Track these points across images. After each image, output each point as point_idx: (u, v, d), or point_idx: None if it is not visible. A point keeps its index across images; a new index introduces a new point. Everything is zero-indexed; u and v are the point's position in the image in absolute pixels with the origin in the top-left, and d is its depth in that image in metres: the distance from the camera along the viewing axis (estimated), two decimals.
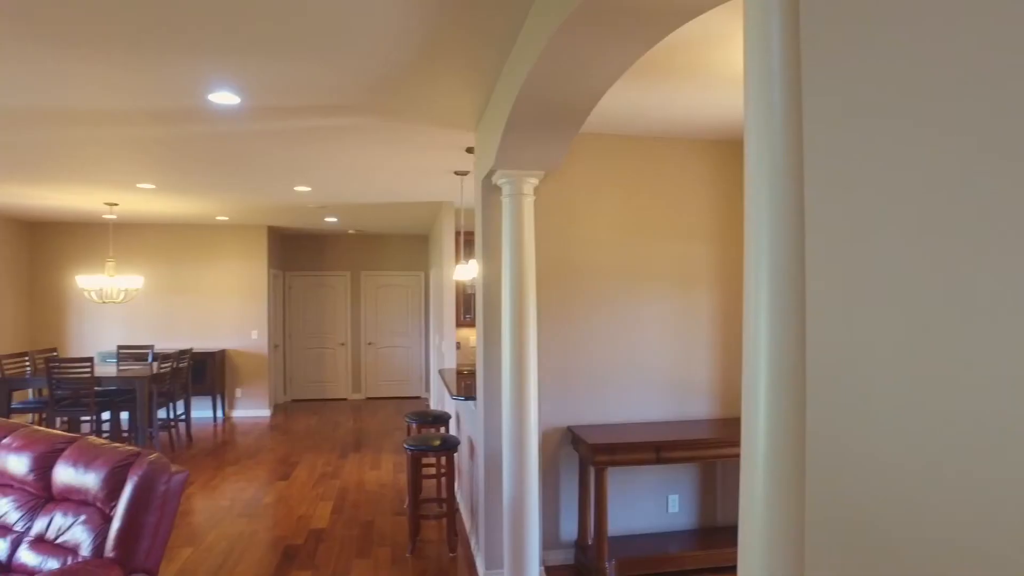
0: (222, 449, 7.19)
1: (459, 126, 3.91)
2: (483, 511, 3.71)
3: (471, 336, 8.98)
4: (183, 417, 7.74)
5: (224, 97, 3.31)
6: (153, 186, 5.93)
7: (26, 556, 3.08)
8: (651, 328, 4.08)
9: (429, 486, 5.49)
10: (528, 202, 3.23)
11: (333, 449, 7.11)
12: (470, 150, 4.49)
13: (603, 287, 4.02)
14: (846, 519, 0.78)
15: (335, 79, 3.05)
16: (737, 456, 3.69)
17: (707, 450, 3.68)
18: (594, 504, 3.63)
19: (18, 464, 3.43)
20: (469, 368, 6.03)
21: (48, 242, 8.91)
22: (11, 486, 3.50)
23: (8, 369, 7.04)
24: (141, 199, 6.68)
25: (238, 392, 9.14)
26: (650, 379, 4.07)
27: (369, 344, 10.57)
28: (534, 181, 3.23)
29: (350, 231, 9.99)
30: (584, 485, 3.91)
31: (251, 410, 9.16)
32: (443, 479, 4.85)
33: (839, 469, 0.79)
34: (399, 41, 2.61)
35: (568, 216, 3.99)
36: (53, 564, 2.94)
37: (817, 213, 0.83)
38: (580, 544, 3.91)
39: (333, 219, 8.41)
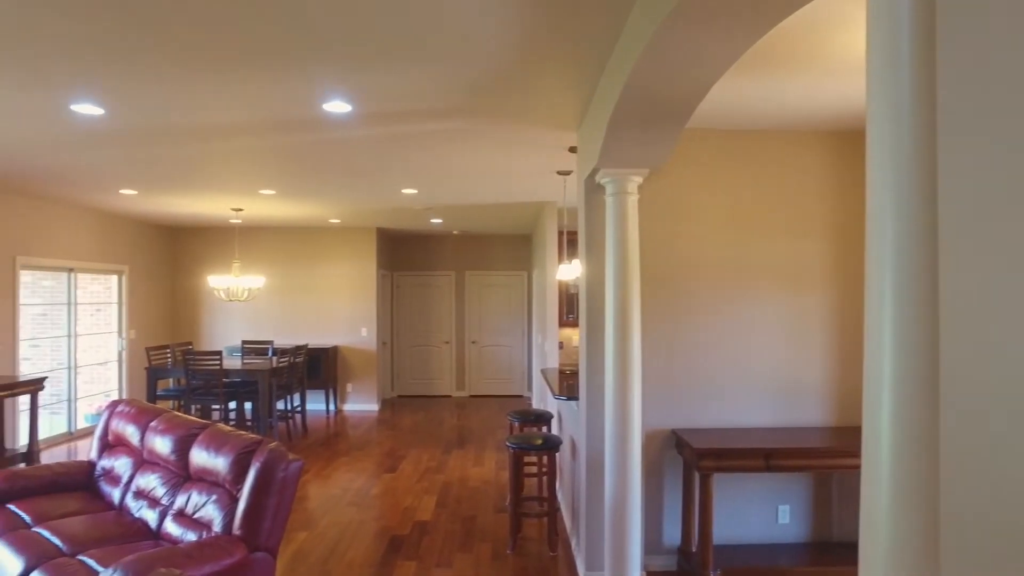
0: (334, 440, 7.57)
1: (561, 126, 3.91)
2: (584, 512, 3.69)
3: (574, 336, 8.96)
4: (299, 409, 8.22)
5: (337, 106, 3.49)
6: (273, 192, 6.34)
7: (171, 527, 3.38)
8: (760, 330, 3.91)
9: (530, 484, 5.53)
10: (632, 201, 3.18)
11: (437, 445, 7.32)
12: (573, 149, 4.48)
13: (709, 287, 3.90)
14: (990, 546, 0.72)
15: (439, 84, 3.14)
16: (855, 468, 3.46)
17: (821, 460, 3.48)
18: (699, 510, 3.53)
19: (163, 445, 3.78)
20: (571, 368, 6.02)
21: (185, 245, 9.74)
22: (158, 464, 3.85)
23: (154, 360, 7.76)
24: (263, 204, 7.16)
25: (349, 387, 9.59)
26: (758, 383, 3.90)
27: (473, 343, 10.78)
28: (638, 179, 3.18)
29: (455, 232, 10.24)
30: (688, 490, 3.81)
31: (361, 404, 9.59)
32: (544, 478, 4.87)
33: (981, 486, 0.73)
34: (501, 45, 2.64)
35: (673, 214, 3.90)
36: (191, 536, 3.21)
37: (953, 206, 0.76)
38: (683, 550, 3.81)
39: (438, 220, 8.65)
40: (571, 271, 5.45)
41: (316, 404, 9.54)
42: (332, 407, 9.49)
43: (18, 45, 2.66)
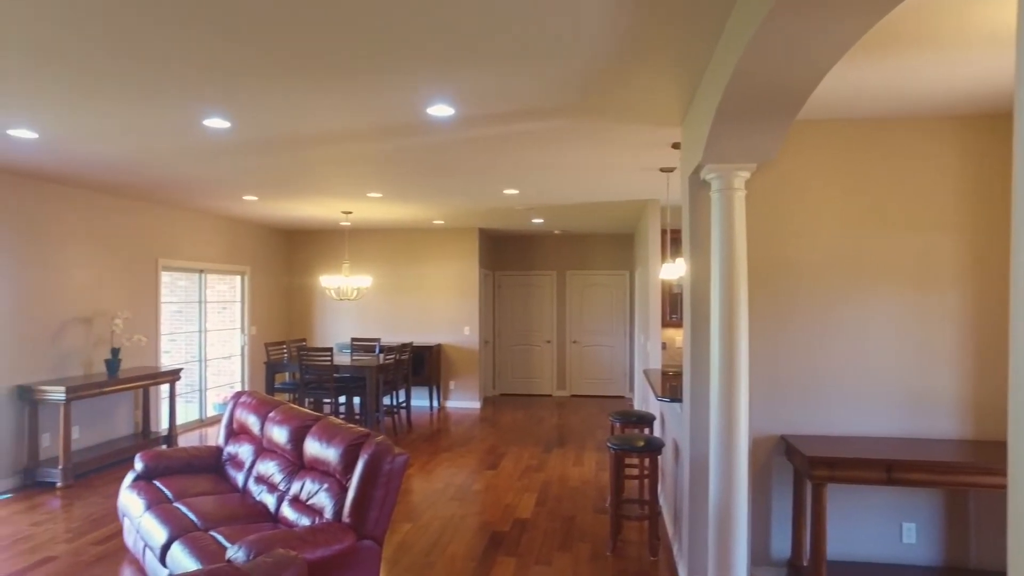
0: (437, 436, 7.78)
1: (664, 122, 3.82)
2: (687, 517, 3.59)
3: (677, 336, 8.74)
4: (404, 405, 8.52)
5: (440, 109, 3.58)
6: (380, 195, 6.60)
7: (287, 511, 3.59)
8: (879, 332, 3.64)
9: (631, 486, 5.44)
10: (739, 197, 3.05)
11: (538, 443, 7.35)
12: (676, 146, 4.37)
13: (822, 286, 3.67)
14: None
15: (541, 84, 3.15)
16: (998, 487, 3.16)
17: (955, 475, 3.19)
18: (810, 522, 3.33)
19: (280, 435, 4.02)
20: (675, 369, 5.87)
21: (299, 247, 10.34)
22: (275, 452, 4.11)
23: (272, 355, 8.30)
24: (370, 207, 7.47)
25: (452, 384, 9.83)
26: (877, 390, 3.64)
27: (574, 342, 10.75)
28: (745, 174, 3.05)
29: (556, 231, 10.26)
30: (799, 500, 3.61)
31: (463, 401, 9.80)
32: (646, 480, 4.77)
33: None
34: (602, 42, 2.61)
35: (782, 210, 3.71)
36: (305, 521, 3.40)
37: None
38: (793, 563, 3.61)
39: (539, 220, 8.69)
40: (675, 270, 5.31)
41: (420, 400, 9.85)
42: (435, 404, 9.76)
43: (158, 70, 2.92)
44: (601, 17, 2.40)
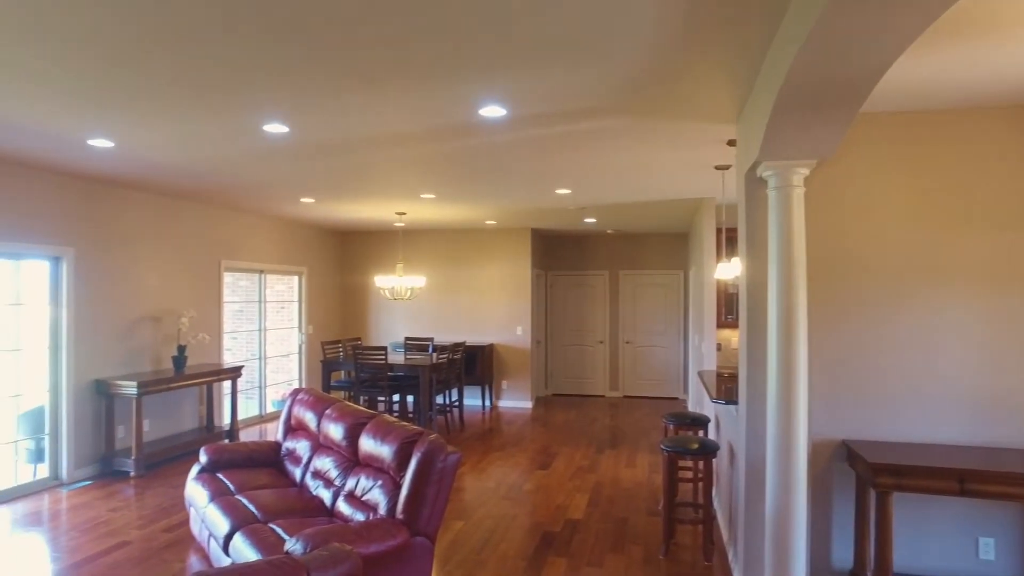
0: (489, 435, 7.83)
1: (719, 119, 3.75)
2: (742, 522, 3.51)
3: (733, 337, 8.55)
4: (456, 403, 8.60)
5: (493, 110, 3.60)
6: (433, 196, 6.68)
7: (342, 506, 3.68)
8: (951, 334, 3.47)
9: (685, 489, 5.35)
10: (797, 194, 2.96)
11: (590, 444, 7.31)
12: (731, 143, 4.27)
13: (889, 285, 3.53)
14: None
15: (593, 84, 3.13)
16: None
17: None
18: (874, 533, 3.21)
19: (336, 432, 4.12)
20: (730, 371, 5.75)
21: (354, 248, 10.56)
22: (331, 448, 4.21)
23: (328, 353, 8.51)
24: (424, 208, 7.57)
25: (504, 384, 9.87)
26: (948, 395, 3.47)
27: (627, 343, 10.65)
28: (804, 171, 2.96)
29: (608, 231, 10.18)
30: (862, 509, 3.48)
31: (515, 401, 9.82)
32: (700, 484, 4.69)
33: None
34: (657, 38, 2.58)
35: (843, 208, 3.58)
36: (360, 516, 3.47)
37: None
38: (856, 574, 3.49)
39: (592, 220, 8.64)
40: (730, 270, 5.20)
41: (472, 399, 9.92)
42: (487, 403, 9.82)
43: (222, 80, 3.03)
44: (655, 12, 2.37)
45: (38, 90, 3.28)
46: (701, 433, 4.94)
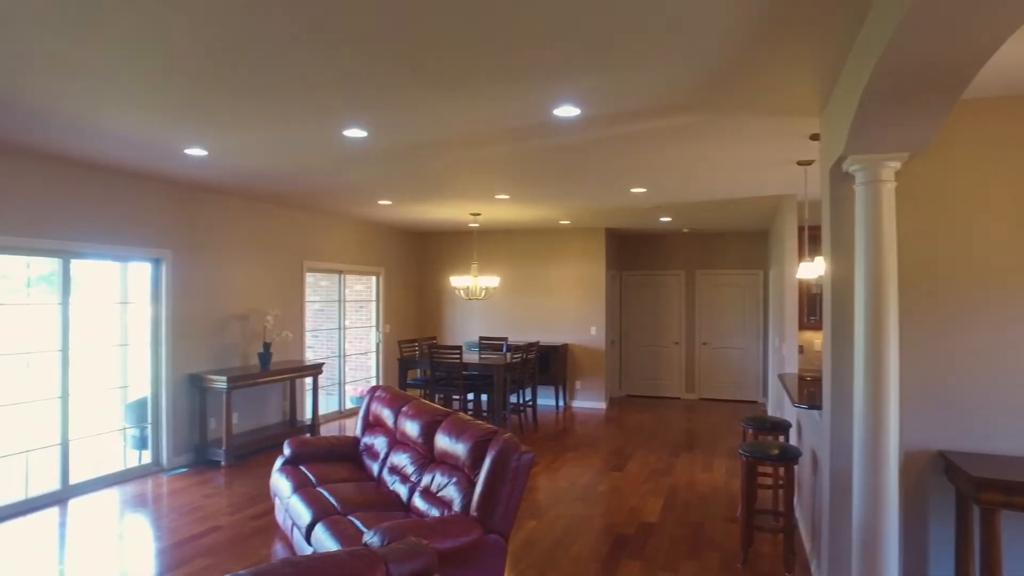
0: (563, 435, 7.81)
1: (801, 111, 3.60)
2: (827, 534, 3.35)
3: (815, 339, 8.21)
4: (530, 403, 8.62)
5: (567, 111, 3.59)
6: (507, 196, 6.73)
7: (418, 501, 3.76)
8: None
9: (764, 496, 5.17)
10: (888, 189, 2.81)
11: (665, 446, 7.18)
12: (815, 137, 4.10)
13: (990, 287, 3.29)
14: None
15: (669, 81, 3.07)
16: None
17: None
18: (979, 554, 2.99)
19: (412, 429, 4.21)
20: (813, 374, 5.51)
21: (430, 249, 10.77)
22: (408, 444, 4.31)
23: (404, 352, 8.72)
24: (498, 209, 7.63)
25: (577, 384, 9.83)
26: None
27: (703, 344, 10.40)
28: (895, 165, 2.80)
29: (684, 230, 9.96)
30: (964, 527, 3.25)
31: (588, 401, 9.76)
32: (781, 491, 4.52)
33: None
34: (735, 32, 2.50)
35: (940, 204, 3.35)
36: (435, 512, 3.54)
37: None
38: None
39: (667, 219, 8.48)
40: (813, 269, 4.99)
41: (546, 399, 9.93)
42: (561, 403, 9.80)
43: (305, 88, 3.16)
44: (735, 6, 2.30)
45: (142, 106, 3.51)
46: (782, 438, 4.77)
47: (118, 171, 5.49)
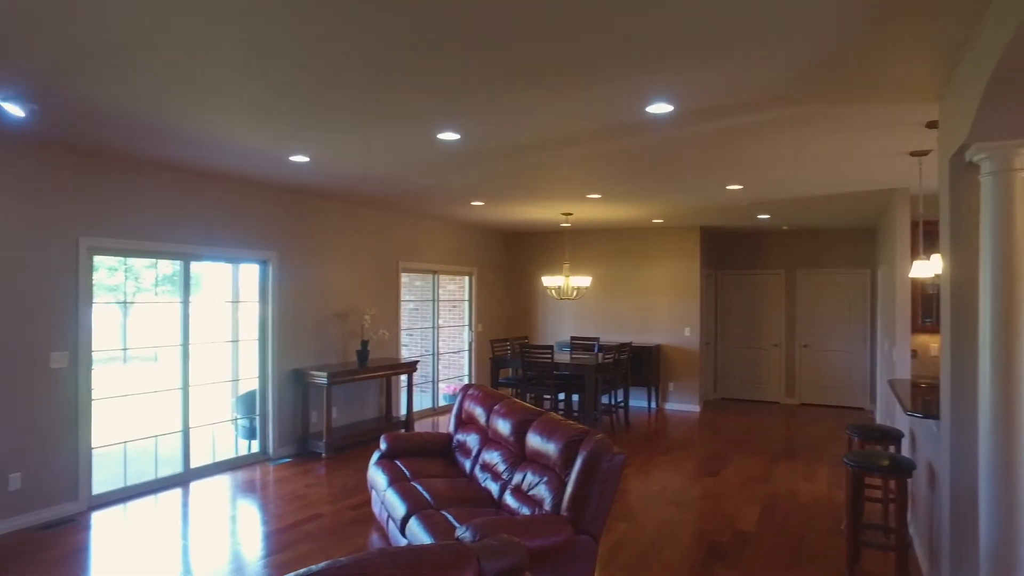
0: (655, 438, 7.65)
1: (917, 98, 3.35)
2: (947, 556, 3.11)
3: (932, 343, 7.64)
4: (622, 404, 8.51)
5: (659, 107, 3.51)
6: (599, 196, 6.67)
7: (509, 499, 3.79)
8: None
9: (872, 510, 4.86)
10: (1020, 179, 2.57)
11: (763, 453, 6.89)
12: (932, 124, 3.81)
13: None
14: None
15: (768, 72, 2.94)
16: None
17: None
18: None
19: (504, 427, 4.25)
20: (928, 380, 5.13)
21: (521, 249, 10.84)
22: (499, 442, 4.35)
23: (496, 351, 8.82)
24: (590, 208, 7.58)
25: (670, 386, 9.61)
26: None
27: (805, 347, 9.91)
28: None
29: (784, 227, 9.53)
30: None
31: (681, 404, 9.52)
32: (892, 505, 4.23)
33: None
34: (846, 15, 2.36)
35: None
36: (525, 511, 3.56)
37: None
38: None
39: (765, 216, 8.14)
40: (929, 268, 4.64)
41: (638, 401, 9.77)
42: (653, 405, 9.61)
43: (401, 93, 3.25)
44: None
45: (253, 119, 3.74)
46: (892, 449, 4.46)
47: (230, 179, 5.87)
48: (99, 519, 4.71)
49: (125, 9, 2.35)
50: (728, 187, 6.06)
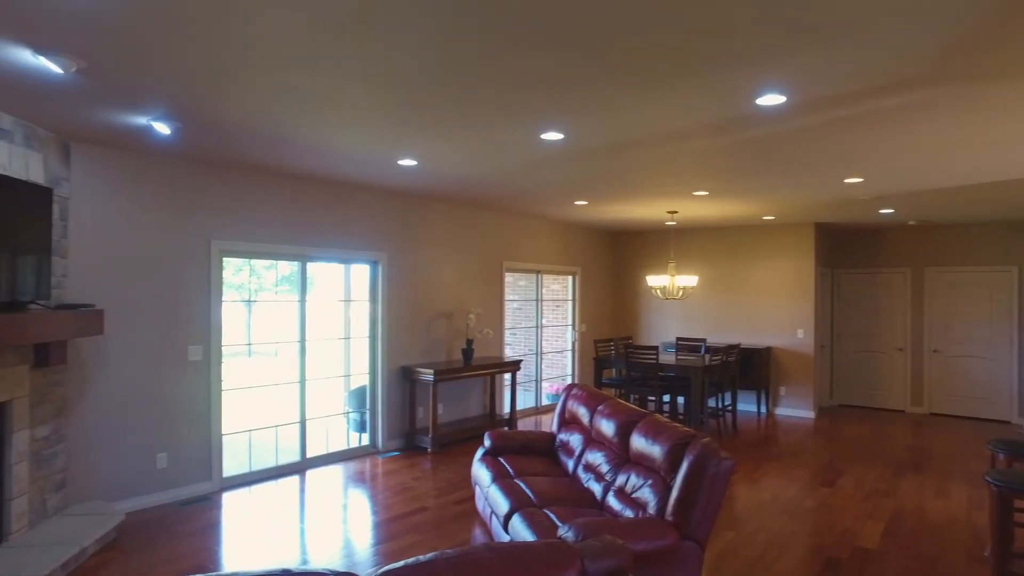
0: (764, 443, 7.32)
1: None
2: None
3: None
4: (729, 408, 8.20)
5: (771, 99, 3.36)
6: (706, 193, 6.46)
7: (612, 500, 3.75)
8: None
9: (1022, 537, 4.41)
10: None
11: (886, 465, 6.42)
12: None
13: None
14: None
15: (889, 55, 2.74)
16: None
17: None
18: None
19: (607, 428, 4.22)
20: None
21: (625, 248, 10.69)
22: (602, 443, 4.32)
23: (600, 351, 8.75)
24: (696, 205, 7.35)
25: (782, 390, 9.15)
26: None
27: (935, 351, 9.15)
28: None
29: (910, 222, 8.83)
30: None
31: (794, 409, 9.05)
32: None
33: None
34: None
35: None
36: (629, 513, 3.51)
37: None
38: None
39: (889, 210, 7.58)
40: None
41: (746, 405, 9.38)
42: (763, 409, 9.20)
43: (506, 95, 3.30)
44: None
45: (365, 126, 3.92)
46: None
47: (343, 184, 6.18)
48: (229, 499, 5.10)
49: (254, 26, 2.53)
50: (846, 180, 5.70)
